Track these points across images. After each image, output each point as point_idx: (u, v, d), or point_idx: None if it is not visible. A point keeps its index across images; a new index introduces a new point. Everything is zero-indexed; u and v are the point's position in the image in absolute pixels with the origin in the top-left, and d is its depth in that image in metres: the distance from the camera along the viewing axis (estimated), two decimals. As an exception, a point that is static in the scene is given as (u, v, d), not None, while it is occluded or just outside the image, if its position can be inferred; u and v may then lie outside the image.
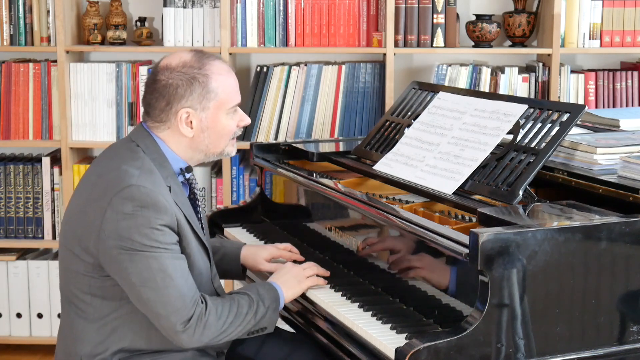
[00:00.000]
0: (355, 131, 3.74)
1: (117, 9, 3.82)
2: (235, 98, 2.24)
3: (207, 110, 2.19)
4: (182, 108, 2.17)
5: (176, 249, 2.10)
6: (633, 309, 1.98)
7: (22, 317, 3.88)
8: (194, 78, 2.17)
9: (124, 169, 2.11)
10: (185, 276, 2.09)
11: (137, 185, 2.07)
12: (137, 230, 2.04)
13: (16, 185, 3.79)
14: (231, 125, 2.25)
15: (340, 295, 2.28)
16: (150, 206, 2.05)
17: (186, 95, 2.17)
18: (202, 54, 2.22)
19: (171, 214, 2.08)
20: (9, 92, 3.75)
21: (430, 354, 1.79)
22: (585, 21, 3.67)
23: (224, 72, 2.22)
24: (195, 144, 2.23)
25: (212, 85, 2.18)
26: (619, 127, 2.72)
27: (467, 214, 2.30)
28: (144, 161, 2.15)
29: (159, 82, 2.18)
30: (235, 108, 2.25)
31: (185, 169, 2.25)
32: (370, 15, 3.72)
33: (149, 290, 2.06)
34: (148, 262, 2.05)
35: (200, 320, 2.07)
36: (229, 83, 2.22)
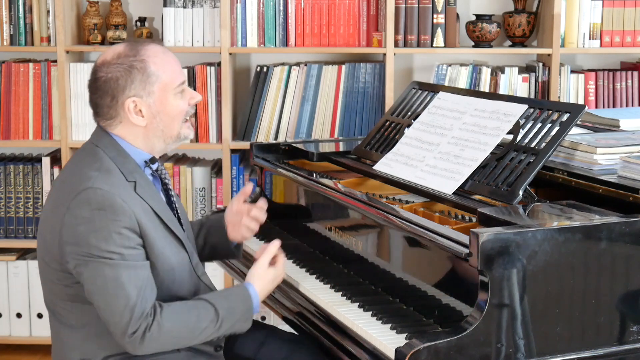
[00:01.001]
0: (355, 131, 3.74)
1: (117, 9, 3.82)
2: (179, 77, 2.21)
3: (152, 94, 2.16)
4: (128, 98, 2.15)
5: (135, 255, 2.06)
6: (633, 309, 1.98)
7: (22, 317, 3.88)
8: (131, 66, 2.15)
9: (83, 172, 2.10)
10: (140, 286, 2.05)
11: (92, 188, 2.05)
12: (94, 234, 2.03)
13: (16, 185, 3.79)
14: (181, 105, 2.21)
15: (340, 295, 2.28)
16: (107, 208, 2.03)
17: (128, 85, 2.15)
18: (136, 42, 2.21)
19: (129, 214, 2.05)
20: (9, 92, 3.75)
21: (430, 354, 1.79)
22: (585, 21, 3.67)
23: (160, 53, 2.19)
24: (151, 131, 2.19)
25: (151, 69, 2.16)
26: (619, 127, 2.72)
27: (467, 214, 2.30)
28: (103, 161, 2.14)
29: (100, 80, 2.16)
30: (181, 87, 2.21)
31: (149, 160, 2.22)
32: (370, 15, 3.72)
33: (100, 297, 2.05)
34: (103, 270, 2.03)
35: (145, 334, 2.04)
36: (167, 63, 2.19)
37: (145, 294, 2.06)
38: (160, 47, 2.22)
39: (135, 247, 2.07)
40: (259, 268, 2.28)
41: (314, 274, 2.46)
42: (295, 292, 2.41)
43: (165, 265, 2.14)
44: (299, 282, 2.42)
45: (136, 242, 2.07)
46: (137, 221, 2.07)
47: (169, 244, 2.17)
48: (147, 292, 2.07)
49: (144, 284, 2.06)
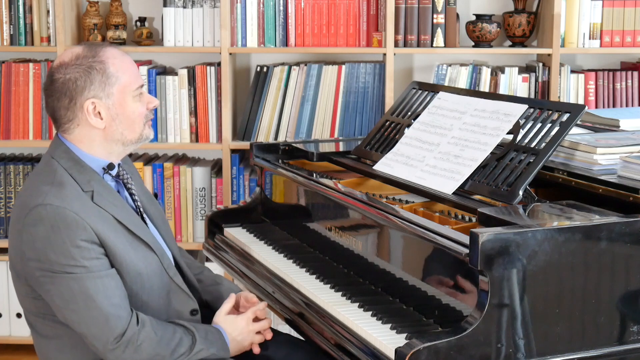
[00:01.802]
0: (355, 131, 3.74)
1: (117, 9, 3.82)
2: (137, 80, 2.19)
3: (112, 96, 2.14)
4: (87, 99, 2.13)
5: (99, 265, 2.05)
6: (633, 309, 1.97)
7: (22, 317, 3.87)
8: (90, 67, 2.12)
9: (37, 188, 2.09)
10: (112, 295, 2.04)
11: (43, 205, 2.03)
12: (52, 250, 2.02)
13: (16, 186, 3.79)
14: (140, 109, 2.19)
15: (340, 295, 2.28)
16: (61, 224, 2.02)
17: (87, 86, 2.12)
18: (93, 44, 2.19)
19: (84, 227, 2.03)
20: (9, 92, 3.75)
21: (430, 354, 1.79)
22: (585, 21, 3.67)
23: (119, 55, 2.17)
24: (110, 134, 2.17)
25: (110, 70, 2.13)
26: (619, 127, 2.72)
27: (467, 214, 2.30)
28: (57, 173, 2.11)
29: (57, 81, 2.14)
30: (139, 91, 2.19)
31: (107, 167, 2.20)
32: (370, 15, 3.72)
33: (72, 312, 2.04)
34: (68, 284, 2.02)
35: (132, 342, 2.04)
36: (126, 66, 2.17)
37: (117, 301, 2.05)
38: (118, 50, 2.19)
39: (98, 257, 2.05)
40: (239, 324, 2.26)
41: (314, 274, 2.46)
42: (295, 292, 2.41)
43: (131, 272, 2.11)
44: (299, 282, 2.42)
45: (98, 252, 2.05)
46: (95, 232, 2.05)
47: (134, 249, 2.14)
48: (117, 299, 2.05)
49: (113, 292, 2.05)
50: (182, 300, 2.24)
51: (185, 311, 2.24)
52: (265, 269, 2.63)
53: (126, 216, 2.15)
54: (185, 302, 2.25)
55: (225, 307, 2.29)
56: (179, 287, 2.25)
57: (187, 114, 3.74)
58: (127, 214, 2.17)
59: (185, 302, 2.25)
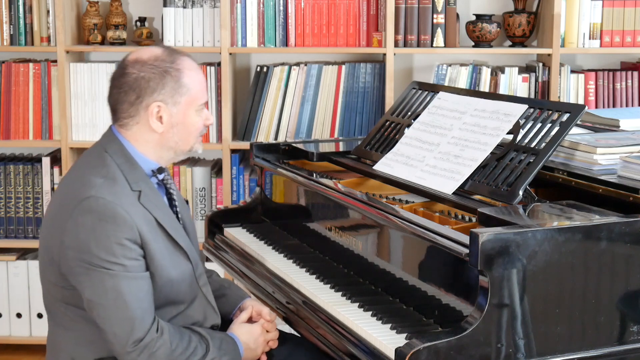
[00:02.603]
0: (355, 131, 3.74)
1: (117, 9, 3.82)
2: (204, 96, 2.23)
3: (178, 105, 2.16)
4: (154, 102, 2.14)
5: (136, 267, 2.06)
6: (633, 309, 1.97)
7: (22, 317, 3.88)
8: (166, 72, 2.14)
9: (88, 179, 2.09)
10: (142, 299, 2.05)
11: (95, 197, 2.04)
12: (95, 243, 2.03)
13: (16, 185, 3.79)
14: (198, 123, 2.22)
15: (340, 295, 2.28)
16: (109, 219, 2.03)
17: (158, 89, 2.14)
18: (173, 50, 2.21)
19: (131, 226, 2.05)
20: (9, 92, 3.75)
21: (430, 354, 1.79)
22: (585, 21, 3.67)
23: (194, 68, 2.21)
24: (165, 140, 2.19)
25: (184, 80, 2.16)
26: (619, 127, 2.72)
27: (467, 214, 2.30)
28: (110, 168, 2.12)
29: (129, 76, 2.15)
30: (202, 106, 2.22)
31: (156, 170, 2.21)
32: (370, 15, 3.72)
33: (100, 307, 2.05)
34: (103, 280, 2.03)
35: (148, 348, 2.05)
36: (199, 80, 2.21)
37: (146, 305, 2.06)
38: (194, 62, 2.23)
39: (137, 259, 2.07)
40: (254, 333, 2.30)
41: (314, 274, 2.46)
42: (295, 292, 2.41)
43: (164, 277, 2.13)
44: (299, 282, 2.42)
45: (137, 253, 2.07)
46: (139, 232, 2.07)
47: (170, 254, 2.16)
48: (146, 303, 2.07)
49: (144, 295, 2.06)
50: (207, 312, 2.26)
51: (206, 324, 2.25)
52: (265, 269, 2.63)
53: (167, 220, 2.17)
54: (210, 315, 2.26)
55: (243, 316, 2.34)
56: (206, 298, 2.26)
57: (187, 114, 3.73)
58: (169, 218, 2.19)
59: (209, 315, 2.26)
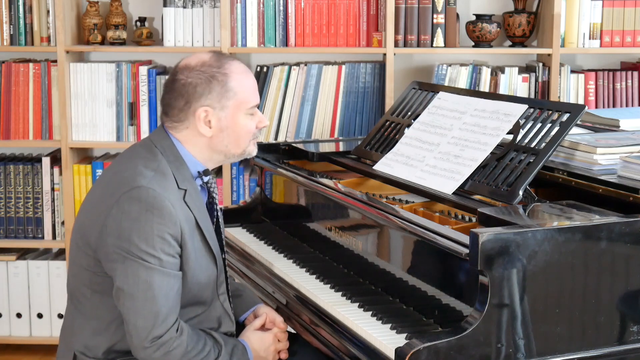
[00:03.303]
0: (355, 131, 3.74)
1: (117, 9, 3.82)
2: (254, 98, 2.23)
3: (226, 109, 2.17)
4: (201, 106, 2.16)
5: (172, 264, 2.07)
6: (633, 309, 1.97)
7: (22, 317, 3.88)
8: (213, 77, 2.16)
9: (139, 169, 2.10)
10: (170, 297, 2.06)
11: (146, 187, 2.06)
12: (137, 233, 2.04)
13: (16, 185, 3.79)
14: (249, 126, 2.22)
15: (340, 295, 2.28)
16: (156, 211, 2.04)
17: (205, 94, 2.16)
18: (221, 55, 2.22)
19: (175, 222, 2.06)
20: (9, 92, 3.75)
21: (430, 354, 1.79)
22: (585, 21, 3.67)
23: (243, 72, 2.21)
24: (214, 144, 2.20)
25: (230, 84, 2.17)
26: (619, 127, 2.72)
27: (467, 214, 2.30)
28: (161, 163, 2.14)
29: (178, 82, 2.17)
30: (253, 109, 2.23)
31: (202, 172, 2.22)
32: (370, 15, 3.72)
33: (128, 297, 2.05)
34: (138, 271, 2.03)
35: (166, 346, 2.05)
36: (247, 83, 2.21)
37: (172, 304, 2.07)
38: (243, 65, 2.23)
39: (174, 256, 2.08)
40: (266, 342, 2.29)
41: (314, 274, 2.46)
42: (295, 292, 2.41)
43: (193, 279, 2.14)
44: (299, 282, 2.42)
45: (175, 251, 2.08)
46: (181, 229, 2.08)
47: (202, 256, 2.17)
48: (173, 302, 2.08)
49: (173, 294, 2.07)
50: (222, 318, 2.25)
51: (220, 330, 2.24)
52: (265, 268, 2.63)
53: (205, 223, 2.18)
54: (225, 322, 2.26)
55: (256, 323, 2.33)
56: (222, 306, 2.26)
57: (187, 114, 3.74)
58: (207, 222, 2.20)
59: (224, 322, 2.26)
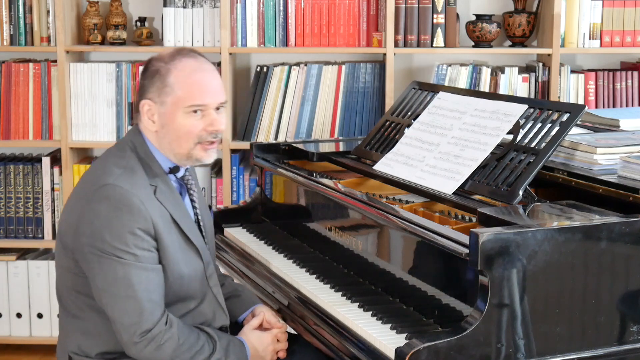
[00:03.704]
0: (355, 131, 3.74)
1: (117, 9, 3.82)
2: (197, 98, 2.14)
3: (165, 105, 2.15)
4: (144, 99, 2.17)
5: (148, 258, 2.07)
6: (633, 309, 1.97)
7: (22, 317, 3.87)
8: (157, 71, 2.15)
9: (108, 167, 2.12)
10: (151, 290, 2.06)
11: (113, 185, 2.06)
12: (109, 231, 2.04)
13: (16, 185, 3.79)
14: (189, 126, 2.14)
15: (340, 295, 2.28)
16: (124, 207, 2.04)
17: (148, 87, 2.16)
18: (181, 51, 2.19)
19: (146, 217, 2.06)
20: (9, 92, 3.75)
21: (430, 354, 1.79)
22: (585, 21, 3.67)
23: (191, 69, 2.14)
24: (160, 140, 2.18)
25: (169, 80, 2.13)
26: (619, 127, 2.72)
27: (467, 214, 2.30)
28: (130, 160, 2.14)
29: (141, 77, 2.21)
30: (197, 109, 2.14)
31: (172, 168, 2.21)
32: (370, 15, 3.72)
33: (110, 296, 2.05)
34: (114, 268, 2.04)
35: (156, 340, 2.05)
36: (191, 80, 2.14)
37: (155, 297, 2.07)
38: (197, 64, 2.16)
39: (149, 250, 2.08)
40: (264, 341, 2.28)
41: (314, 274, 2.46)
42: (295, 292, 2.41)
43: (175, 272, 2.14)
44: (299, 282, 2.42)
45: (150, 245, 2.08)
46: (153, 224, 2.08)
47: (183, 250, 2.16)
48: (156, 295, 2.07)
49: (154, 287, 2.07)
50: (216, 312, 2.25)
51: (215, 324, 2.24)
52: (265, 269, 2.63)
53: (182, 217, 2.17)
54: (219, 316, 2.26)
55: (254, 322, 2.32)
56: (216, 298, 2.26)
57: (187, 114, 3.74)
58: (184, 216, 2.19)
59: (218, 316, 2.26)
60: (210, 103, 2.16)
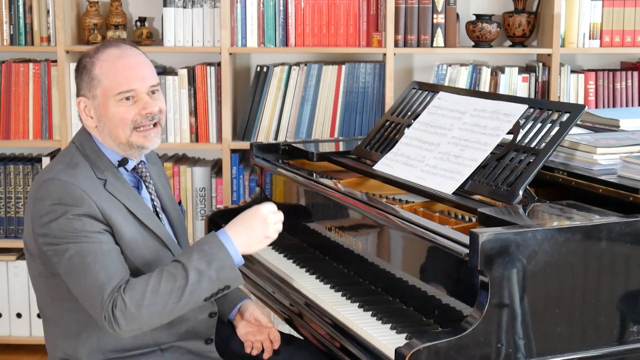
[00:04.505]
0: (355, 131, 3.74)
1: (117, 9, 3.82)
2: (123, 85, 2.12)
3: (96, 98, 2.15)
4: (78, 97, 2.19)
5: (100, 237, 2.05)
6: (633, 309, 1.97)
7: (22, 317, 3.88)
8: (84, 66, 2.16)
9: (50, 166, 2.14)
10: (107, 266, 2.02)
11: (52, 179, 2.07)
12: (56, 223, 2.04)
13: (16, 185, 3.79)
14: (122, 113, 2.13)
15: (340, 295, 2.28)
16: (66, 197, 2.04)
17: (80, 85, 2.18)
18: (105, 43, 2.20)
19: (90, 203, 2.05)
20: (9, 92, 3.75)
21: (430, 354, 1.79)
22: (585, 21, 3.67)
23: (114, 58, 2.14)
24: (102, 133, 2.18)
25: (94, 72, 2.14)
26: (619, 127, 2.72)
27: (467, 214, 2.30)
28: (74, 157, 2.15)
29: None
30: (127, 95, 2.13)
31: (120, 161, 2.20)
32: (370, 15, 3.72)
33: (73, 280, 2.05)
34: (68, 252, 2.03)
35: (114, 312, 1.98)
36: (115, 68, 2.13)
37: (113, 272, 2.02)
38: (119, 51, 2.16)
39: (100, 232, 2.06)
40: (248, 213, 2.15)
41: (314, 274, 2.46)
42: (295, 292, 2.41)
43: (137, 260, 2.11)
44: (299, 282, 2.42)
45: (100, 228, 2.07)
46: (100, 209, 2.07)
47: (144, 239, 2.14)
48: (115, 271, 2.03)
49: (111, 264, 2.03)
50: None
51: (202, 313, 2.22)
52: (265, 269, 2.63)
53: (139, 209, 2.16)
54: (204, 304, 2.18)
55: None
56: None
57: (187, 114, 3.74)
58: (140, 207, 2.18)
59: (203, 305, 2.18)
60: (138, 87, 2.15)
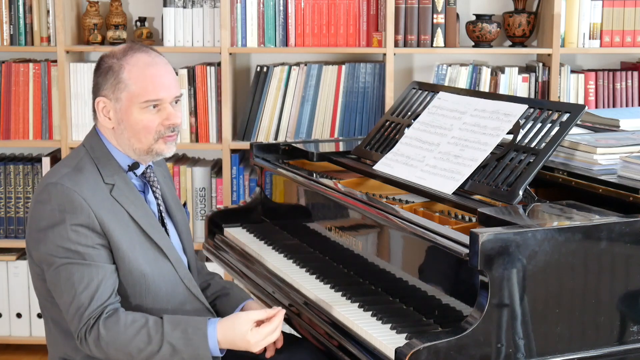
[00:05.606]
0: (355, 131, 3.74)
1: (117, 9, 3.82)
2: (151, 93, 2.12)
3: (120, 101, 2.14)
4: (98, 97, 2.16)
5: (94, 255, 2.05)
6: (633, 309, 1.97)
7: (22, 317, 3.88)
8: (110, 68, 2.14)
9: (56, 169, 2.13)
10: (92, 288, 2.03)
11: (55, 183, 2.07)
12: (52, 231, 2.05)
13: (16, 185, 3.79)
14: (146, 121, 2.13)
15: (340, 295, 2.28)
16: (66, 204, 2.04)
17: (102, 84, 2.15)
18: (133, 46, 2.18)
19: (88, 213, 2.05)
20: (9, 92, 3.75)
21: (430, 354, 1.79)
22: (585, 21, 3.67)
23: (144, 64, 2.13)
24: (119, 137, 2.17)
25: (123, 76, 2.12)
26: (619, 127, 2.72)
27: (467, 214, 2.30)
28: (81, 160, 2.14)
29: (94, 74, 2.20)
30: (152, 104, 2.13)
31: (131, 165, 2.20)
32: (370, 15, 3.72)
33: (57, 293, 2.07)
34: (57, 264, 2.04)
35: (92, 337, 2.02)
36: (144, 76, 2.12)
37: (97, 295, 2.03)
38: (149, 58, 2.15)
39: (94, 247, 2.06)
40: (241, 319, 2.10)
41: (314, 274, 2.46)
42: (295, 292, 2.41)
43: (134, 271, 2.11)
44: (299, 282, 2.42)
45: (95, 242, 2.06)
46: (99, 221, 2.06)
47: (143, 250, 2.14)
48: (100, 295, 2.04)
49: (96, 286, 2.04)
50: (201, 313, 2.21)
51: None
52: (265, 269, 2.63)
53: (143, 216, 2.16)
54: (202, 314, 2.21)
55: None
56: (197, 298, 2.24)
57: (187, 114, 3.74)
58: (145, 214, 2.17)
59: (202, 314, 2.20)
60: (165, 97, 2.15)
